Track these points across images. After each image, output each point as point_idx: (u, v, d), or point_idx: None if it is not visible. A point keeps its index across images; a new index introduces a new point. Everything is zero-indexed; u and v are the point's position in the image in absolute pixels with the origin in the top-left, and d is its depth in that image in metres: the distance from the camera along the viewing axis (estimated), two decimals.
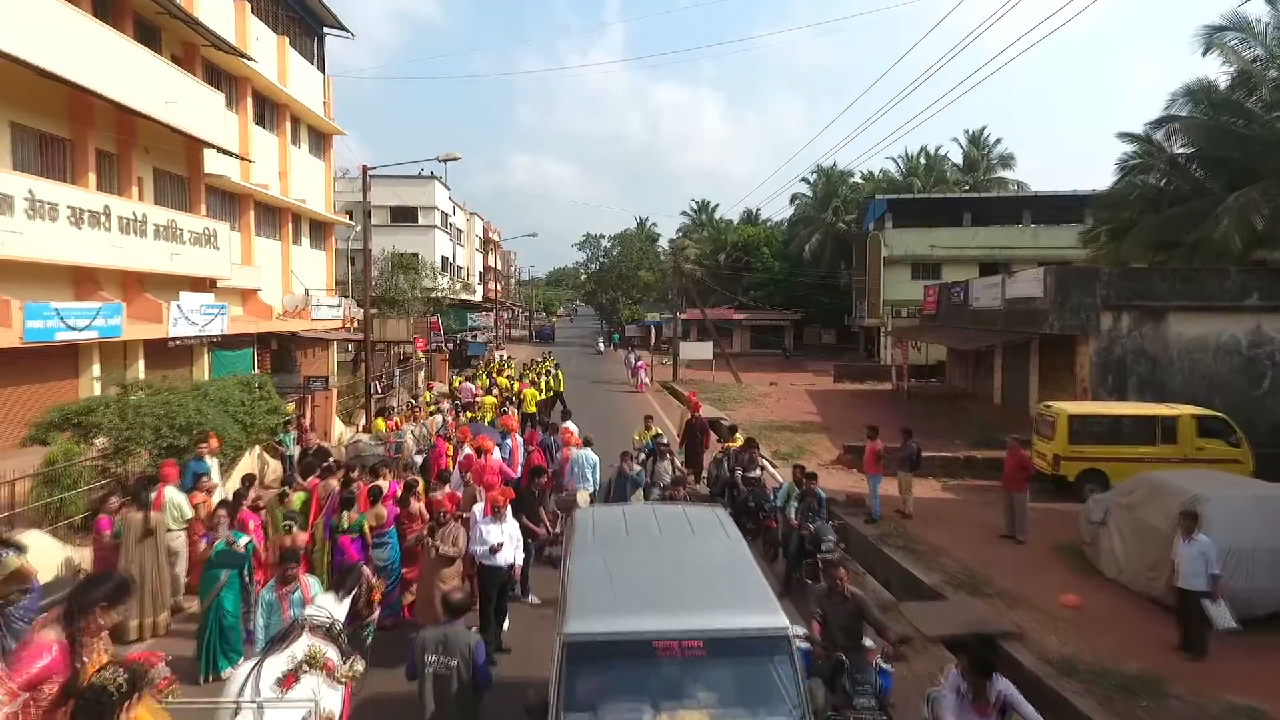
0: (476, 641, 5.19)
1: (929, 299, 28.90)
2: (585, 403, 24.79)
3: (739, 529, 11.20)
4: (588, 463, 10.85)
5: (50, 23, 12.91)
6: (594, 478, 10.95)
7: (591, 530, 5.63)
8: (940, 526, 12.04)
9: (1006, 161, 56.16)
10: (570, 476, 10.82)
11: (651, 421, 14.32)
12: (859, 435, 20.38)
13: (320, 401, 17.14)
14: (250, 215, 22.42)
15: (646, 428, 13.78)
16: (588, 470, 10.85)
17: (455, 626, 5.21)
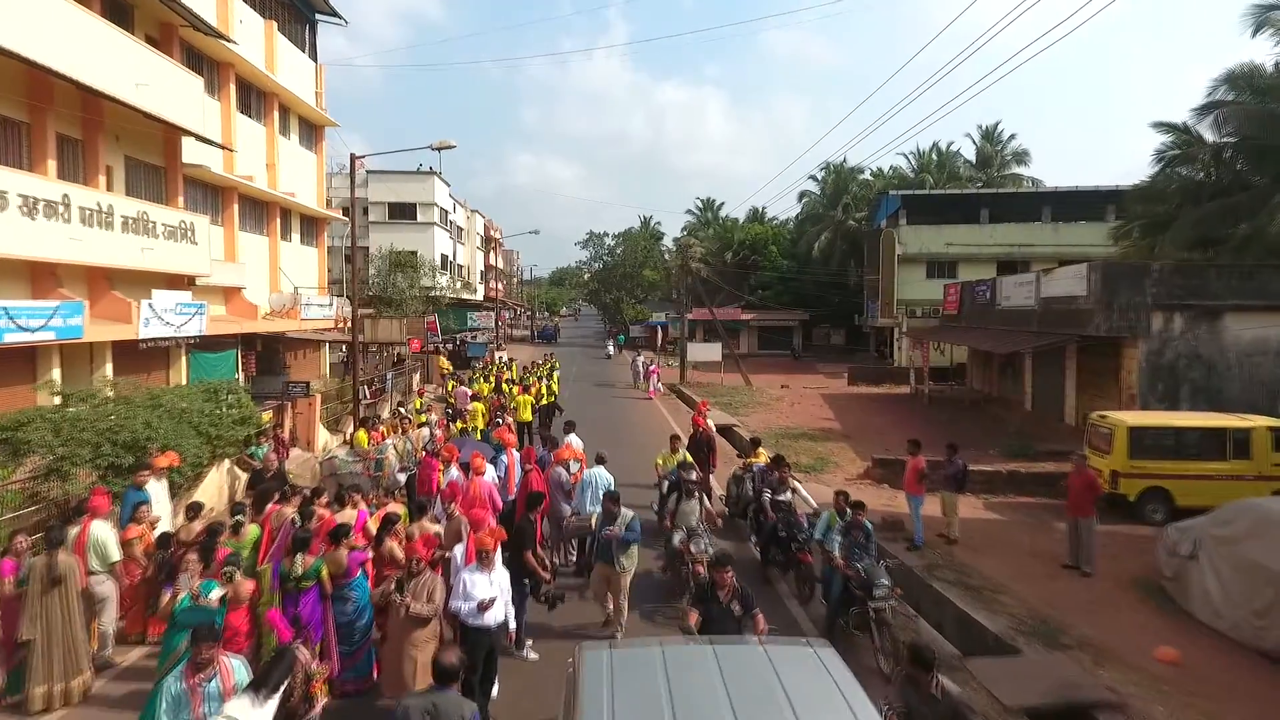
0: (472, 713, 4.24)
1: (950, 298, 27.49)
2: (590, 411, 23.37)
3: (765, 558, 10.09)
4: (601, 482, 9.51)
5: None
6: None
7: None
8: (991, 554, 10.67)
9: (1021, 158, 54.65)
10: (580, 500, 9.49)
11: (679, 444, 12.04)
12: (882, 444, 19.10)
13: (302, 408, 15.82)
14: (234, 209, 21.12)
15: (673, 450, 11.61)
16: (600, 491, 9.50)
17: (447, 694, 4.22)
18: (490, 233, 66.50)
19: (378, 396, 21.17)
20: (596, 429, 19.14)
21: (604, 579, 7.60)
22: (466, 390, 18.69)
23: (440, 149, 17.43)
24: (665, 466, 11.24)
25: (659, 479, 10.91)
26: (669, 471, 10.70)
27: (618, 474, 10.45)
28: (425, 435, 10.89)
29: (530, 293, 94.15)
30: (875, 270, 44.89)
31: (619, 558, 7.47)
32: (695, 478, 9.32)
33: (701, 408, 14.75)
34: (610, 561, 7.48)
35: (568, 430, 11.57)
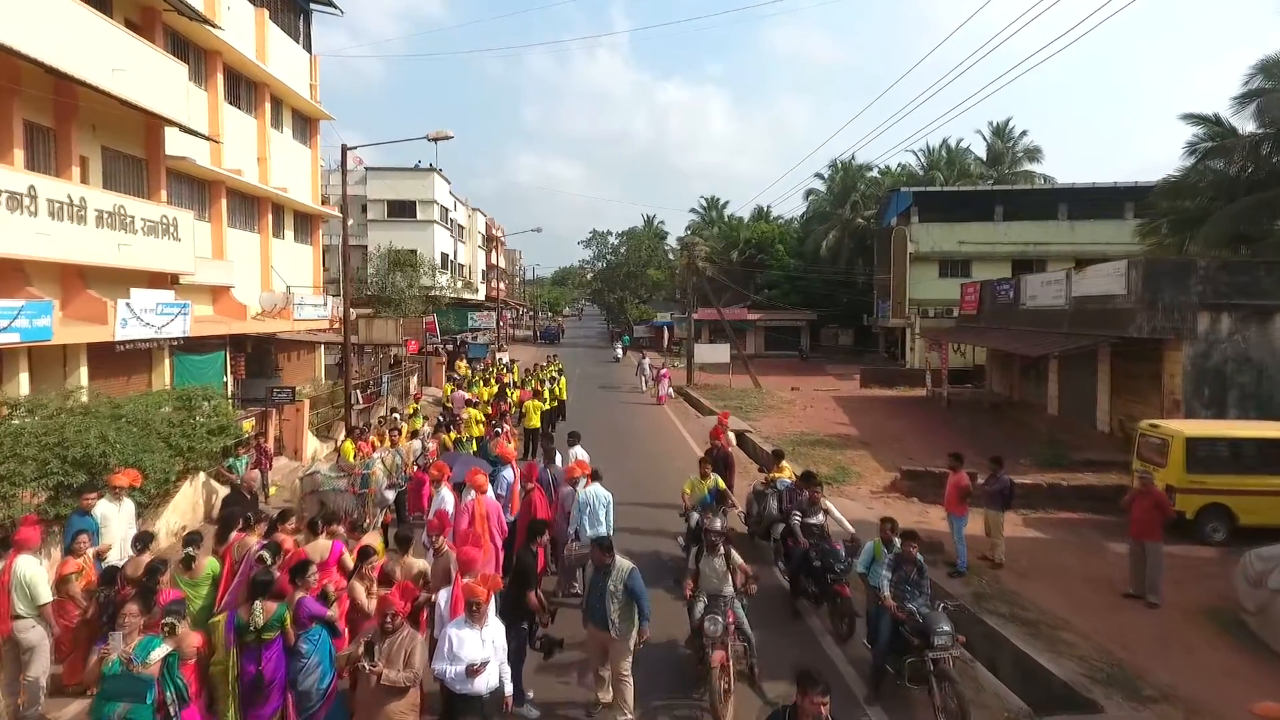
0: None
1: (968, 298, 26.44)
2: (594, 417, 22.33)
3: (795, 588, 8.37)
4: (599, 503, 8.50)
5: None
6: (608, 521, 8.60)
7: None
8: (1041, 580, 9.65)
9: (1033, 154, 53.54)
10: (576, 523, 8.49)
11: (709, 469, 9.88)
12: (903, 451, 18.08)
13: (290, 415, 14.85)
14: (222, 204, 20.15)
15: (703, 476, 9.66)
16: (600, 512, 8.50)
17: None
18: (492, 231, 65.54)
19: (372, 401, 20.19)
20: (602, 438, 18.13)
21: (598, 645, 6.13)
22: (464, 395, 17.70)
23: (437, 140, 16.46)
24: (694, 495, 9.42)
25: (685, 510, 9.44)
26: (699, 501, 9.16)
27: (625, 492, 9.49)
28: (416, 448, 9.89)
29: (533, 293, 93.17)
30: (885, 269, 43.86)
31: (612, 617, 5.87)
32: (721, 525, 6.91)
33: (722, 419, 13.40)
34: (603, 623, 5.91)
35: (573, 442, 10.57)
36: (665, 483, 13.76)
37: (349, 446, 10.67)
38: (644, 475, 14.13)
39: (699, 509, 8.65)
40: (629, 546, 9.87)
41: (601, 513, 8.53)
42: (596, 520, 8.45)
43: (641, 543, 10.56)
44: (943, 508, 12.85)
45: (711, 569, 6.63)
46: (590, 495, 8.50)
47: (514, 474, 8.92)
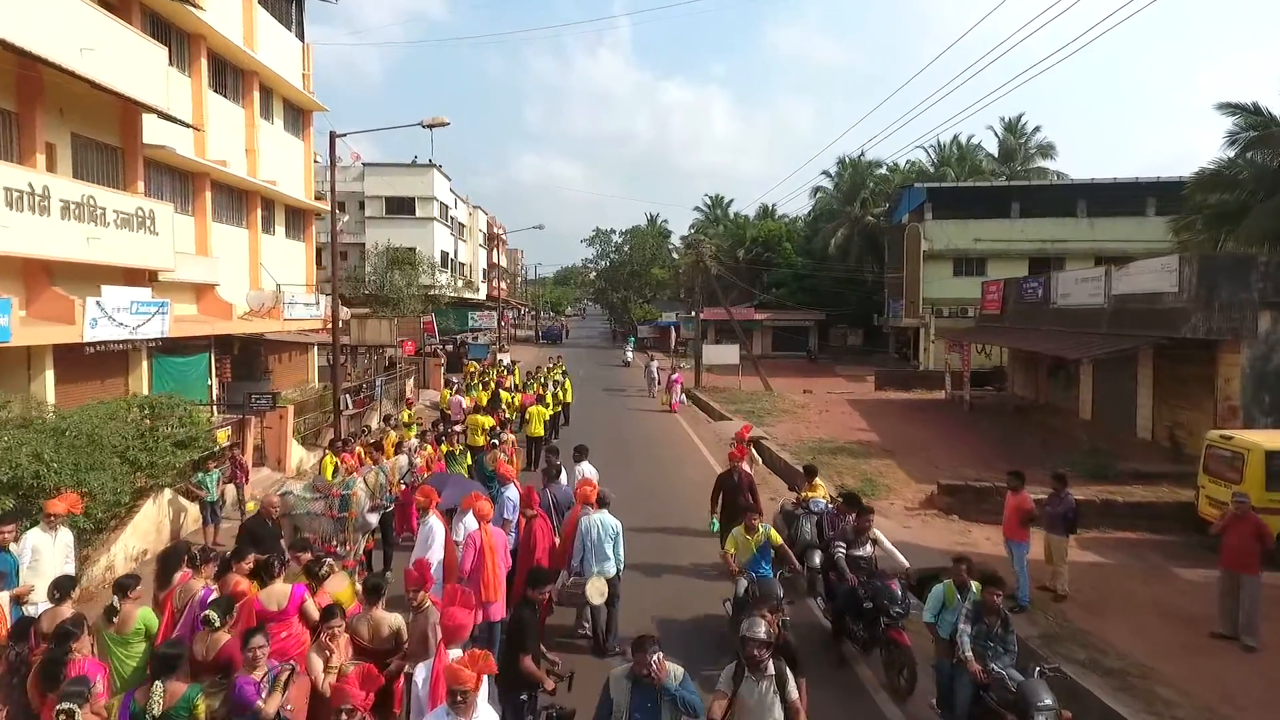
0: None
1: (990, 296, 25.28)
2: (600, 426, 21.01)
3: (839, 629, 6.98)
4: (606, 533, 7.36)
5: None
6: (616, 555, 7.45)
7: None
8: (1112, 615, 8.51)
9: (1047, 151, 52.21)
10: (577, 554, 7.36)
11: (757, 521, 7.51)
12: (931, 460, 16.90)
13: (272, 422, 13.73)
14: (206, 197, 19.06)
15: (749, 530, 7.33)
16: (606, 544, 7.34)
17: None
18: (493, 230, 64.43)
19: (365, 405, 19.07)
20: (609, 448, 17.02)
21: None
22: (461, 400, 16.56)
23: (432, 126, 15.35)
24: (741, 555, 7.30)
25: (733, 573, 7.38)
26: (748, 561, 7.20)
27: (635, 513, 8.33)
28: (403, 464, 8.72)
29: (535, 292, 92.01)
30: (897, 268, 42.64)
31: None
32: (768, 633, 4.37)
33: (743, 435, 11.21)
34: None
35: (579, 457, 9.42)
36: (681, 502, 12.64)
37: (329, 462, 9.53)
38: (658, 497, 12.96)
39: (746, 573, 7.06)
40: (644, 592, 8.72)
41: (608, 545, 7.38)
42: (602, 554, 7.31)
43: (659, 591, 9.06)
44: (984, 526, 11.78)
45: (755, 699, 4.30)
46: (595, 524, 7.34)
47: (518, 495, 7.79)
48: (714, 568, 9.62)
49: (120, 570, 8.81)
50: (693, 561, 9.97)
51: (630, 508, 11.02)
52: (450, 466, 10.37)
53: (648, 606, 8.34)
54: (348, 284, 37.69)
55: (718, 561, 9.80)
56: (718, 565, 9.58)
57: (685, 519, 11.85)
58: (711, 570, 9.60)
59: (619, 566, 7.47)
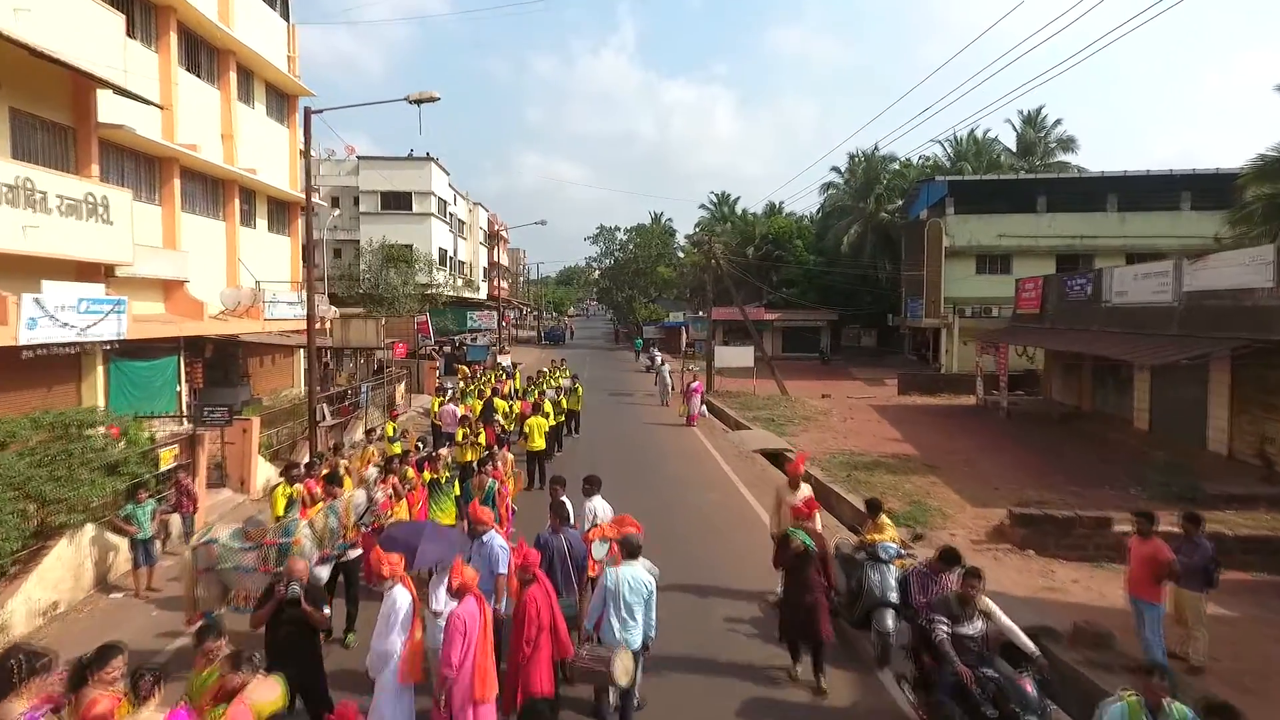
0: None
1: (1027, 294, 23.47)
2: (607, 441, 19.07)
3: None
4: (636, 593, 5.60)
5: None
6: (647, 621, 5.70)
7: None
8: (1269, 692, 6.69)
9: (1068, 144, 50.36)
10: (593, 615, 5.62)
11: None
12: (978, 475, 14.95)
13: (235, 437, 11.98)
14: (175, 184, 17.34)
15: None
16: (636, 606, 5.60)
17: None
18: (494, 227, 62.70)
19: (349, 414, 17.30)
20: (620, 472, 15.19)
21: None
22: (454, 409, 14.79)
23: (420, 102, 13.61)
24: None
25: None
26: None
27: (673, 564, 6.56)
28: (360, 501, 6.88)
29: (537, 292, 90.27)
30: (914, 265, 40.79)
31: None
32: None
33: (795, 469, 8.38)
34: None
35: (590, 490, 7.60)
36: (713, 542, 10.83)
37: (281, 494, 7.75)
38: (682, 535, 11.13)
39: None
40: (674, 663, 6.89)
41: (639, 607, 5.63)
42: (629, 620, 5.55)
43: (692, 673, 6.89)
44: (1068, 564, 9.99)
45: None
46: (623, 580, 5.58)
47: (508, 549, 6.00)
48: (755, 626, 7.83)
49: (18, 633, 7.07)
50: (729, 618, 8.11)
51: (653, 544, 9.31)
52: (435, 502, 8.56)
53: (678, 685, 6.56)
54: (341, 283, 36.01)
55: (759, 616, 8.03)
56: (761, 625, 7.79)
57: (710, 555, 10.08)
58: (750, 627, 7.81)
59: (650, 632, 5.72)
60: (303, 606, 5.10)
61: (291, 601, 5.10)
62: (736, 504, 12.76)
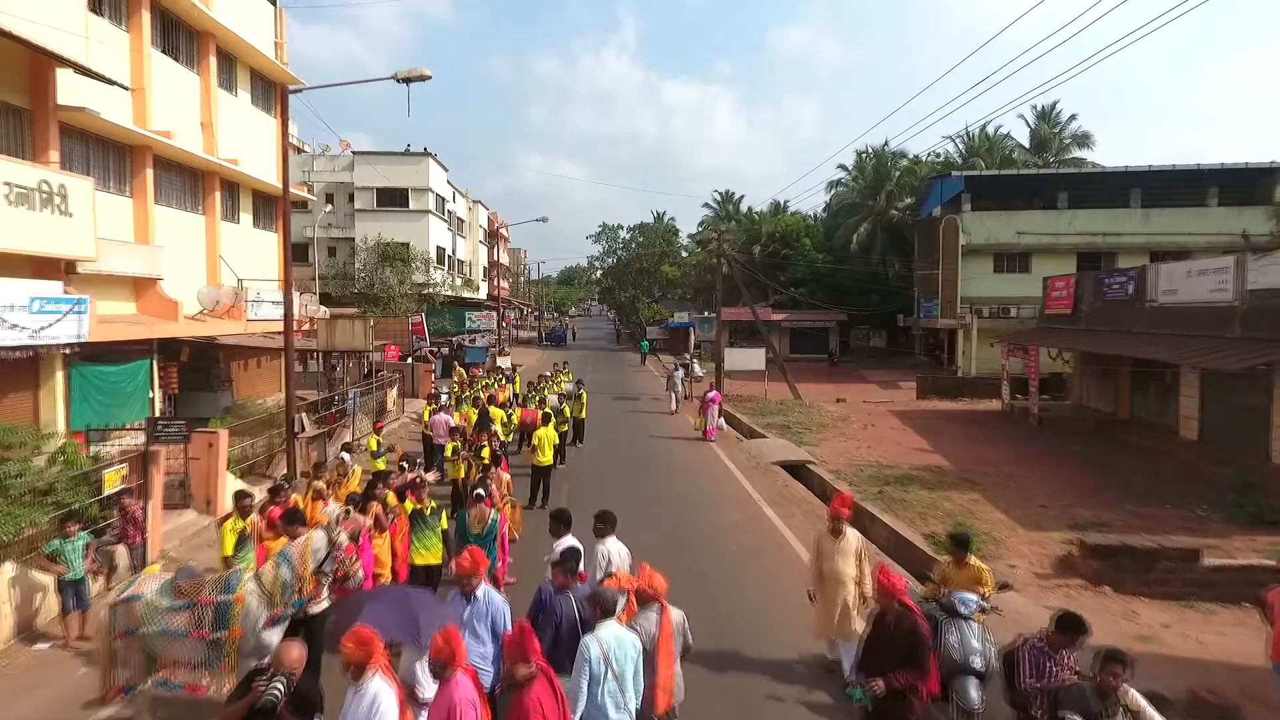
0: None
1: (1058, 294, 22.17)
2: (613, 451, 17.60)
3: None
4: (622, 657, 4.34)
5: None
6: (637, 686, 4.44)
7: None
8: None
9: (1083, 140, 49.13)
10: (582, 701, 4.33)
11: None
12: (1022, 490, 13.44)
13: (200, 452, 10.69)
14: (147, 174, 16.03)
15: None
16: (629, 676, 4.37)
17: None
18: (494, 226, 61.42)
19: (335, 423, 16.01)
20: (628, 488, 13.89)
21: None
22: (446, 418, 13.49)
23: (408, 80, 12.35)
24: None
25: None
26: None
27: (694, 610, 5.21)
28: (319, 545, 5.53)
29: (538, 292, 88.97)
30: (927, 264, 39.54)
31: None
32: None
33: (842, 511, 6.70)
34: None
35: (603, 530, 6.25)
36: (741, 578, 9.48)
37: (230, 529, 6.44)
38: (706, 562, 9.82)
39: None
40: None
41: (630, 676, 4.38)
42: (619, 695, 4.29)
43: None
44: (1153, 603, 8.67)
45: None
46: (606, 649, 4.30)
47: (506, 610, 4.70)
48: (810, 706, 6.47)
49: None
50: (772, 695, 6.67)
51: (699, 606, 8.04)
52: (418, 538, 7.21)
53: None
54: (336, 282, 34.74)
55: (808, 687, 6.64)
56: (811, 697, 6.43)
57: (738, 596, 8.77)
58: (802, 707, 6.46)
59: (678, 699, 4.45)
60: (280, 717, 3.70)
61: (265, 709, 3.69)
62: (763, 529, 11.42)
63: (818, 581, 6.70)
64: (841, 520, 6.63)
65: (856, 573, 6.51)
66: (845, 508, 6.75)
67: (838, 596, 6.48)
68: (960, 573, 6.15)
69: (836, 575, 6.49)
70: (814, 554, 6.83)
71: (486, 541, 7.15)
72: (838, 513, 6.68)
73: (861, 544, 6.73)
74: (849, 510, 6.83)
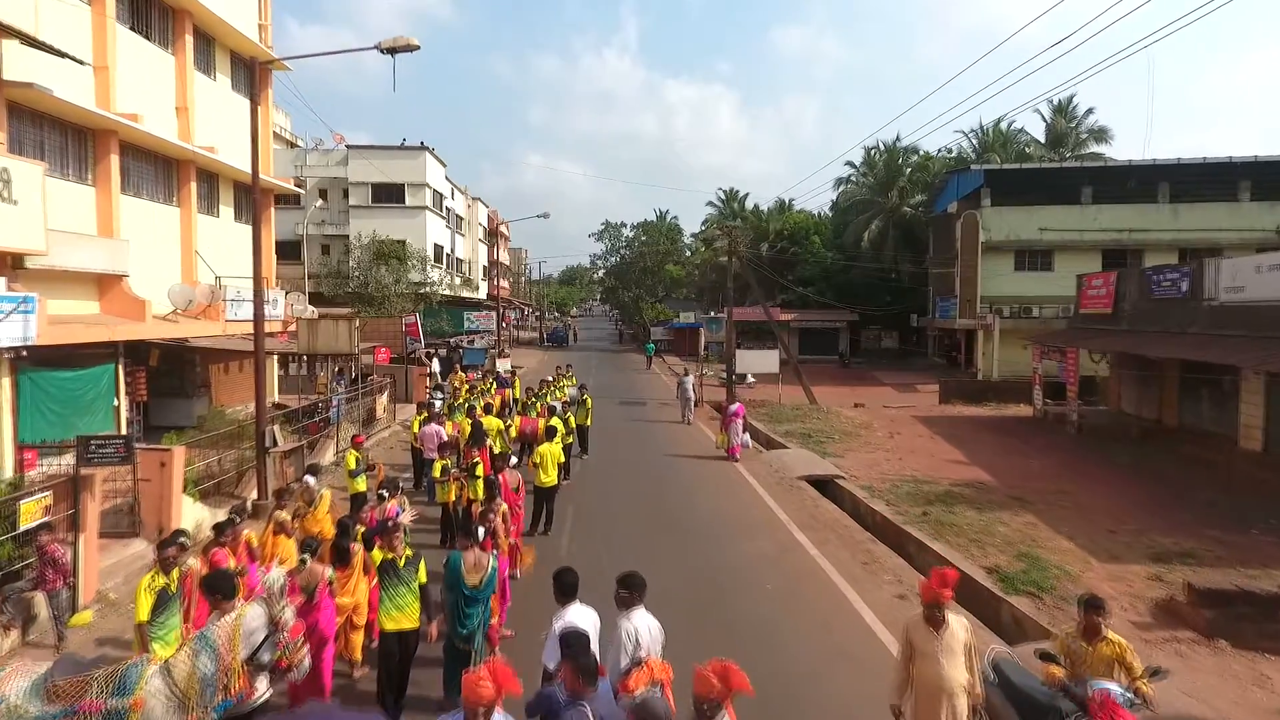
0: None
1: (1094, 292, 20.72)
2: (621, 464, 16.06)
3: None
4: None
5: None
6: None
7: None
8: None
9: (1100, 135, 47.56)
10: None
11: None
12: (1084, 512, 11.87)
13: (151, 472, 9.28)
14: (112, 161, 14.64)
15: None
16: None
17: None
18: (495, 224, 60.00)
19: (318, 433, 14.61)
20: (639, 509, 12.43)
21: None
22: (438, 430, 12.08)
23: (393, 51, 10.94)
24: None
25: None
26: None
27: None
28: (253, 621, 4.11)
29: (539, 292, 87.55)
30: (943, 262, 38.14)
31: None
32: None
33: (935, 590, 4.84)
34: None
35: (629, 599, 4.59)
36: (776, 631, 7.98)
37: (147, 587, 4.99)
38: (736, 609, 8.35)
39: None
40: None
41: None
42: None
43: None
44: (1266, 655, 7.24)
45: None
46: None
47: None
48: None
49: None
50: None
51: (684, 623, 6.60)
52: (388, 596, 5.70)
53: None
54: (329, 281, 33.35)
55: None
56: None
57: (777, 655, 7.34)
58: None
59: None
60: None
61: None
62: (799, 562, 9.88)
63: (903, 691, 4.95)
64: (942, 606, 4.78)
65: (968, 677, 4.75)
66: (947, 588, 4.77)
67: (940, 711, 4.70)
68: (1095, 650, 4.71)
69: (939, 682, 4.70)
70: (902, 652, 5.03)
71: (483, 597, 5.74)
72: (936, 596, 4.77)
73: (971, 635, 4.86)
74: (951, 591, 4.81)
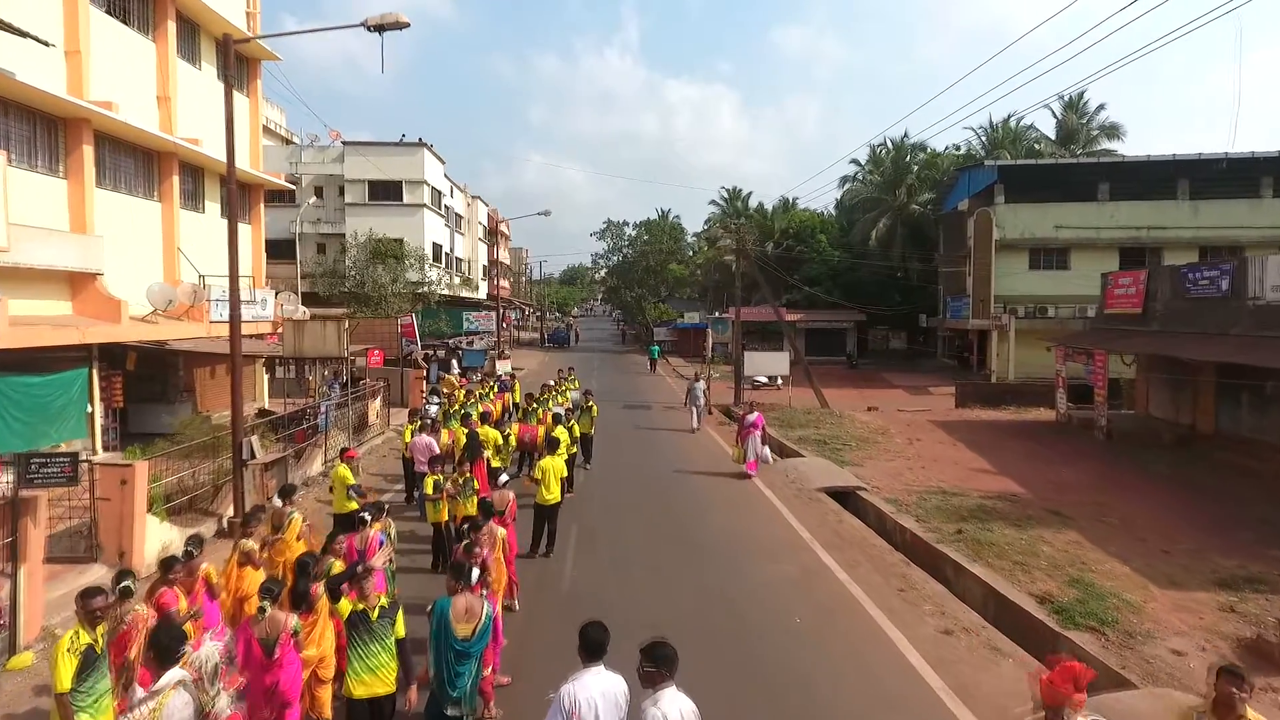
0: None
1: (1122, 291, 19.78)
2: (627, 475, 15.03)
3: None
4: None
5: None
6: None
7: None
8: None
9: (1113, 132, 46.60)
10: None
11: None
12: (1132, 528, 10.81)
13: (110, 490, 8.38)
14: (85, 152, 13.74)
15: None
16: None
17: None
18: (495, 223, 59.10)
19: (305, 441, 13.69)
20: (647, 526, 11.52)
21: None
22: (430, 442, 11.17)
23: (382, 29, 10.02)
24: None
25: None
26: None
27: None
28: (177, 713, 3.25)
29: (540, 291, 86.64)
30: (953, 260, 37.21)
31: None
32: None
33: (1058, 688, 3.62)
34: None
35: (656, 676, 3.55)
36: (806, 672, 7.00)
37: (69, 646, 4.03)
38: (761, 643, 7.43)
39: None
40: None
41: None
42: None
43: None
44: None
45: None
46: None
47: None
48: None
49: None
50: None
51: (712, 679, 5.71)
52: (359, 654, 4.72)
53: None
54: (324, 280, 32.44)
55: None
56: None
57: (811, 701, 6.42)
58: None
59: None
60: None
61: None
62: (827, 587, 8.94)
63: None
64: (1071, 711, 3.62)
65: None
66: (1080, 691, 3.63)
67: None
68: None
69: None
70: None
71: (476, 651, 4.82)
72: (1060, 700, 3.64)
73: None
74: (1083, 694, 3.65)
